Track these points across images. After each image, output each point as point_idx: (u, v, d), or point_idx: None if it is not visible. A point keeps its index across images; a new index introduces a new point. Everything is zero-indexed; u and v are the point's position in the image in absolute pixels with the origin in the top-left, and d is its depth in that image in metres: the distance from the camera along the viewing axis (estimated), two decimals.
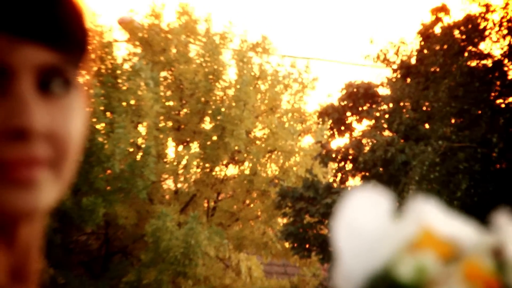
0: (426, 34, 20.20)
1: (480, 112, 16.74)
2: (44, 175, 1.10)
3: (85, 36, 1.15)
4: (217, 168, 23.95)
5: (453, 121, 17.06)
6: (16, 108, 1.07)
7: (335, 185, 21.72)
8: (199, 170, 23.75)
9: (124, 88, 22.74)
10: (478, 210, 15.89)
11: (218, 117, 23.09)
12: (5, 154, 1.06)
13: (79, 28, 1.14)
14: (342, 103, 22.56)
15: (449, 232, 0.97)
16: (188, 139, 24.02)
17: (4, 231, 1.12)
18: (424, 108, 19.44)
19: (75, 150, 1.15)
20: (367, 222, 1.00)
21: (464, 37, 17.51)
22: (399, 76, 20.69)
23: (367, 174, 20.89)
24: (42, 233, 1.23)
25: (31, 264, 1.19)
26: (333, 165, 22.33)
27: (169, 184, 24.31)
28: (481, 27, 17.22)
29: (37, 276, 1.20)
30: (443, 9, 20.05)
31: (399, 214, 0.97)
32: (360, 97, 22.29)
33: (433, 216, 0.98)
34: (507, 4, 16.57)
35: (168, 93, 24.20)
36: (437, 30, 19.62)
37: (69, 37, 1.13)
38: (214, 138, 23.29)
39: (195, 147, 23.62)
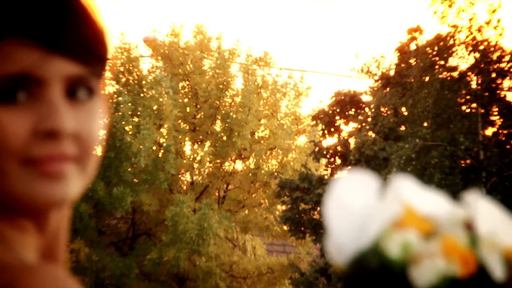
0: (403, 50, 20.18)
1: (449, 116, 16.70)
2: (71, 169, 1.11)
3: (106, 52, 1.16)
4: (226, 163, 23.92)
5: (426, 124, 17.01)
6: (48, 112, 1.09)
7: (326, 177, 21.70)
8: (211, 165, 23.72)
9: (148, 96, 22.74)
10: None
11: (227, 120, 23.07)
12: (38, 151, 1.08)
13: (101, 45, 1.15)
14: (332, 109, 22.55)
15: (428, 208, 0.94)
16: (202, 139, 23.97)
17: (37, 217, 1.14)
18: (401, 113, 19.38)
19: (96, 148, 1.16)
20: (355, 199, 0.97)
21: (435, 53, 17.48)
22: (380, 85, 20.65)
23: (353, 168, 20.88)
24: (68, 219, 1.24)
25: (59, 246, 1.20)
26: (324, 161, 22.30)
27: (186, 176, 24.26)
28: (449, 45, 17.19)
29: (64, 256, 1.21)
30: (417, 29, 20.02)
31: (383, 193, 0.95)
32: (347, 103, 22.27)
33: (412, 192, 0.95)
34: (471, 25, 16.53)
35: (185, 100, 24.16)
36: (412, 47, 19.59)
37: (93, 53, 1.14)
38: (224, 138, 23.27)
39: (208, 145, 23.58)
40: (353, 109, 22.30)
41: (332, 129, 22.57)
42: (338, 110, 22.45)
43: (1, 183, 1.08)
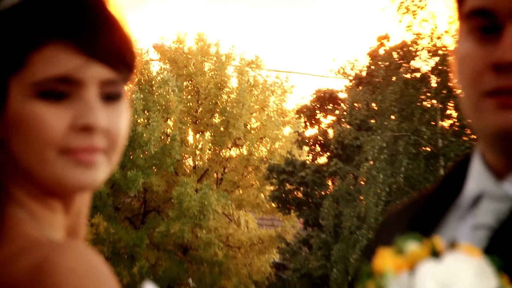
0: (373, 55, 20.16)
1: (412, 110, 16.69)
2: (100, 159, 1.12)
3: (134, 61, 1.16)
4: (223, 150, 23.88)
5: (393, 117, 16.99)
6: (85, 110, 1.10)
7: (307, 162, 21.70)
8: (210, 151, 23.73)
9: (157, 93, 22.78)
10: (414, 180, 15.99)
11: (224, 114, 23.10)
12: (75, 143, 1.10)
13: (131, 55, 1.16)
14: (313, 104, 22.53)
15: None
16: (203, 130, 23.93)
17: (65, 199, 1.15)
18: (372, 108, 19.33)
19: (122, 142, 1.16)
20: None
21: (400, 57, 17.45)
22: (353, 85, 20.66)
23: (331, 154, 20.90)
24: (89, 202, 1.24)
25: (81, 224, 1.21)
26: (306, 148, 22.28)
27: (189, 161, 24.21)
28: (413, 50, 17.19)
29: (85, 233, 1.22)
30: (386, 37, 20.02)
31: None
32: (326, 99, 22.25)
33: None
34: (432, 33, 16.49)
35: (189, 97, 24.11)
36: (381, 51, 19.53)
37: (124, 62, 1.14)
38: (221, 129, 23.30)
39: (208, 135, 23.59)
40: (331, 105, 22.28)
41: (313, 121, 22.56)
42: (318, 105, 22.44)
43: (41, 168, 1.10)
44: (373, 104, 18.98)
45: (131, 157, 21.55)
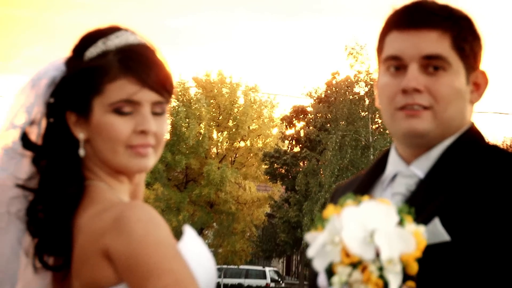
0: (328, 84, 20.09)
1: (354, 118, 16.67)
2: (151, 152, 1.11)
3: (172, 89, 1.14)
4: (235, 143, 23.85)
5: (342, 122, 16.95)
6: (142, 120, 1.09)
7: (288, 151, 21.71)
8: (227, 144, 23.74)
9: (194, 107, 22.68)
10: (354, 163, 15.98)
11: (236, 120, 23.08)
12: (135, 141, 1.09)
13: (170, 84, 1.13)
14: (291, 114, 22.49)
15: (355, 244, 0.79)
16: (222, 130, 23.91)
17: (129, 176, 1.14)
18: (328, 117, 19.28)
19: (164, 141, 1.15)
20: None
21: (346, 85, 17.42)
22: (317, 102, 20.62)
23: (302, 146, 20.92)
24: (144, 178, 1.22)
25: (140, 192, 1.19)
26: (287, 142, 22.29)
27: (213, 150, 24.21)
28: (354, 81, 17.16)
29: (142, 196, 1.20)
30: (336, 72, 19.91)
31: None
32: (299, 111, 22.21)
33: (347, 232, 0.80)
34: (368, 70, 16.55)
35: (213, 109, 24.03)
36: (334, 82, 19.47)
37: (166, 89, 1.12)
38: (234, 130, 23.28)
39: (225, 134, 23.58)
40: (302, 115, 22.28)
41: (291, 125, 22.55)
42: (294, 115, 22.45)
43: (113, 158, 1.10)
44: (329, 115, 18.96)
45: (178, 147, 21.61)
